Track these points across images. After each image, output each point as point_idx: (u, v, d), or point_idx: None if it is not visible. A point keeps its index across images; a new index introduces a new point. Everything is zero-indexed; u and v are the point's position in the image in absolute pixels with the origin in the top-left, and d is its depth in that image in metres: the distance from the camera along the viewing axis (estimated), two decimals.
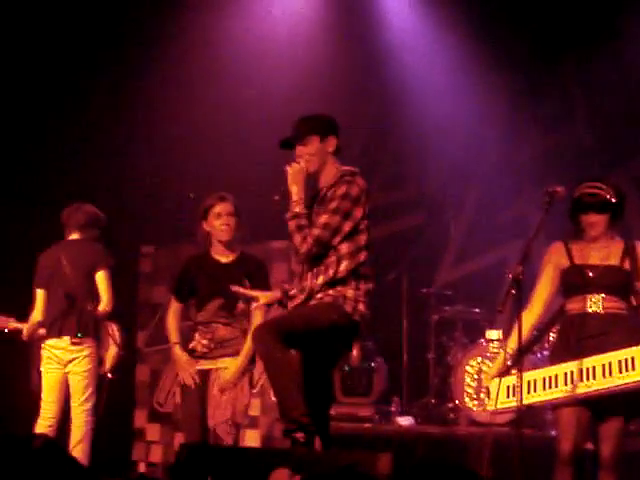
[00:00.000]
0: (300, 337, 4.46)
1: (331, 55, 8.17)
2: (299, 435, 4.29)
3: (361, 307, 4.54)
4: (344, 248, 4.51)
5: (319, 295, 4.52)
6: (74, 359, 5.86)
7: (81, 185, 7.75)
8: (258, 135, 7.99)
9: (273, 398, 6.64)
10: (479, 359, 7.19)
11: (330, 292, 4.51)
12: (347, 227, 4.50)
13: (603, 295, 4.58)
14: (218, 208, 5.25)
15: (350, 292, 4.52)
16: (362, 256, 4.55)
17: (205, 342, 5.23)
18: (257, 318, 5.19)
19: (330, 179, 4.61)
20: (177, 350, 5.34)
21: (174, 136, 8.25)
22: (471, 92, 8.31)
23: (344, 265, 4.50)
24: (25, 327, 5.95)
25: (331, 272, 4.50)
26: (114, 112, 8.17)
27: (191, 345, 5.29)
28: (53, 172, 7.99)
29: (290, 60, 8.13)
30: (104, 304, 5.89)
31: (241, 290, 4.86)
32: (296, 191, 4.57)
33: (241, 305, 5.23)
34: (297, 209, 4.55)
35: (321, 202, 4.59)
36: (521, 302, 4.33)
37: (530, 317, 4.66)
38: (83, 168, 8.05)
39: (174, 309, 5.44)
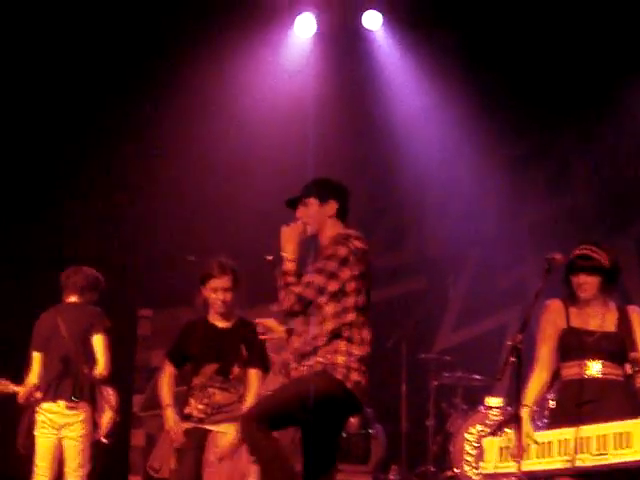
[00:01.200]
0: (290, 415, 4.44)
1: (327, 115, 8.21)
2: None
3: (354, 376, 4.48)
4: (329, 308, 4.49)
5: (309, 362, 4.50)
6: (68, 424, 5.80)
7: (80, 247, 7.76)
8: (258, 198, 8.04)
9: None
10: (479, 426, 7.12)
11: (319, 359, 4.48)
12: (332, 287, 4.48)
13: (602, 361, 4.56)
14: (215, 282, 5.25)
15: (340, 359, 4.47)
16: (350, 317, 4.50)
17: (201, 407, 5.18)
18: (253, 383, 5.18)
19: (325, 241, 4.64)
20: (169, 411, 5.29)
21: (175, 198, 8.28)
22: (472, 157, 8.37)
23: (327, 326, 4.47)
24: (21, 390, 5.91)
25: (315, 332, 4.47)
26: (112, 175, 8.20)
27: (186, 410, 5.23)
28: (53, 234, 8.00)
29: (287, 118, 8.18)
30: (101, 368, 5.85)
31: (260, 321, 4.85)
32: (290, 250, 4.59)
33: (237, 370, 5.19)
34: (287, 266, 4.56)
35: (315, 259, 4.63)
36: (521, 370, 4.31)
37: (538, 381, 4.65)
38: (83, 230, 8.06)
39: (168, 373, 5.41)
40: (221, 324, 5.32)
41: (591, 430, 4.42)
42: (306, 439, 4.63)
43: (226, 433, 5.14)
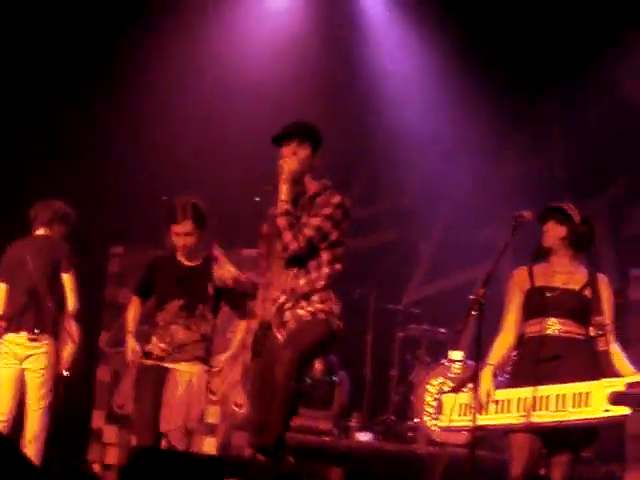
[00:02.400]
0: (311, 358, 4.77)
1: (311, 68, 8.19)
2: (264, 458, 4.35)
3: (341, 324, 4.67)
4: (325, 255, 4.61)
5: (310, 308, 4.57)
6: (31, 355, 5.81)
7: (52, 183, 7.71)
8: (235, 140, 8.02)
9: (235, 408, 6.66)
10: (441, 379, 7.21)
11: (319, 307, 4.58)
12: (334, 236, 4.62)
13: (562, 319, 4.62)
14: (176, 228, 5.27)
15: (336, 307, 4.64)
16: (338, 266, 4.66)
17: (163, 345, 5.21)
18: (238, 335, 5.32)
19: (314, 187, 4.70)
20: (129, 338, 5.34)
21: (151, 137, 8.23)
22: (450, 112, 8.35)
23: (324, 271, 4.59)
24: None
25: (313, 275, 4.57)
26: (88, 111, 8.14)
27: (148, 348, 5.26)
28: (24, 169, 7.95)
29: (271, 71, 8.15)
30: (72, 304, 5.86)
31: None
32: (286, 190, 4.63)
33: (201, 307, 5.23)
34: (287, 206, 4.60)
35: (307, 207, 4.65)
36: (482, 324, 4.36)
37: (504, 342, 4.71)
38: (55, 166, 8.00)
39: (134, 306, 5.46)
40: (188, 262, 5.34)
41: (550, 389, 4.48)
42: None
43: (185, 372, 5.18)
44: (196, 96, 8.14)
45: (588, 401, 4.40)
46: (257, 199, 5.11)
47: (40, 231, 6.03)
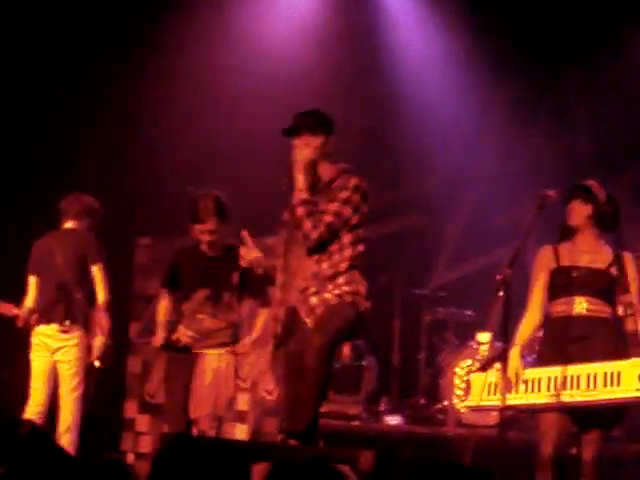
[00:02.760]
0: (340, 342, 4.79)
1: (331, 54, 8.19)
2: (295, 442, 4.39)
3: (368, 305, 4.68)
4: (346, 238, 4.63)
5: (336, 291, 4.59)
6: (62, 347, 5.89)
7: (80, 175, 7.78)
8: (259, 130, 8.03)
9: (265, 395, 6.70)
10: (469, 361, 7.22)
11: (346, 289, 4.59)
12: (354, 220, 4.63)
13: (589, 297, 4.62)
14: (199, 226, 5.32)
15: (362, 288, 4.65)
16: (360, 247, 4.67)
17: (190, 333, 5.27)
18: (261, 320, 5.32)
19: (330, 172, 4.71)
20: (160, 328, 5.44)
21: (175, 128, 8.27)
22: (471, 96, 8.33)
23: (347, 253, 4.61)
24: (20, 313, 5.99)
25: (336, 258, 4.60)
26: (113, 104, 8.18)
27: (175, 336, 5.32)
28: (53, 161, 8.01)
29: (291, 57, 8.15)
30: (102, 296, 5.92)
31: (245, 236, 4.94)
32: (302, 180, 4.66)
33: (226, 296, 5.27)
34: (305, 195, 4.63)
35: (324, 192, 4.66)
36: (509, 304, 4.37)
37: (530, 322, 4.72)
38: (83, 158, 8.07)
39: (164, 298, 5.51)
40: (212, 252, 5.39)
41: (580, 369, 4.49)
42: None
43: (213, 358, 5.22)
44: (223, 88, 8.15)
45: (619, 380, 4.41)
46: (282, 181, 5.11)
47: (69, 224, 6.09)
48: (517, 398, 4.58)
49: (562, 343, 4.63)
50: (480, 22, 8.07)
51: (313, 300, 4.63)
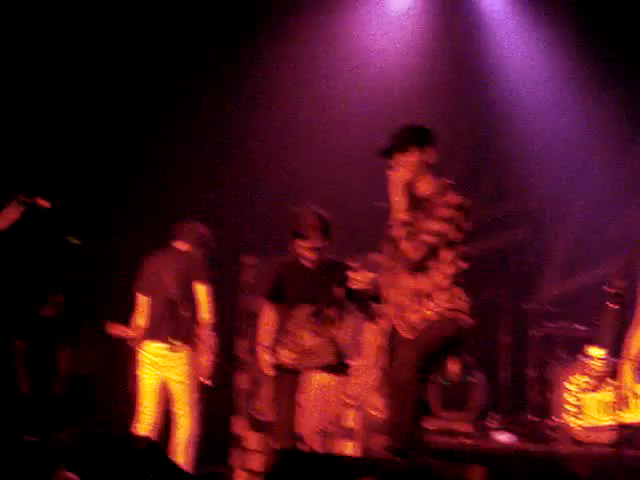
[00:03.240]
0: (437, 361, 4.70)
1: (436, 67, 8.18)
2: (397, 458, 4.36)
3: (470, 320, 4.65)
4: (447, 255, 4.58)
5: (437, 309, 4.56)
6: (172, 366, 5.97)
7: (187, 197, 7.92)
8: (362, 147, 8.05)
9: (373, 412, 6.67)
10: (579, 376, 7.06)
11: (446, 305, 4.56)
12: (456, 237, 4.57)
13: None
14: (304, 243, 5.30)
15: (463, 305, 4.62)
16: (462, 264, 4.63)
17: (293, 355, 5.22)
18: (367, 337, 5.29)
19: (431, 187, 4.65)
20: (262, 351, 5.40)
21: (280, 147, 8.36)
22: (575, 106, 8.21)
23: (448, 270, 4.58)
24: (134, 334, 6.10)
25: (437, 275, 4.56)
26: (220, 126, 8.31)
27: (279, 359, 5.27)
28: (159, 184, 8.18)
29: (396, 71, 8.17)
30: (205, 315, 5.99)
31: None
32: (400, 201, 4.60)
33: (329, 312, 5.24)
34: (404, 216, 4.58)
35: (424, 209, 4.62)
36: (622, 317, 4.26)
37: (638, 336, 4.57)
38: (189, 180, 8.22)
39: (268, 312, 5.48)
40: (313, 266, 5.37)
41: None
42: None
43: (318, 375, 5.20)
44: (320, 103, 8.21)
45: None
46: (379, 204, 5.12)
47: (180, 245, 6.19)
48: (633, 416, 4.45)
49: None
50: (585, 33, 7.94)
51: (412, 317, 4.61)
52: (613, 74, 8.09)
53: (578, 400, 6.72)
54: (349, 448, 7.19)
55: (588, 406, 4.59)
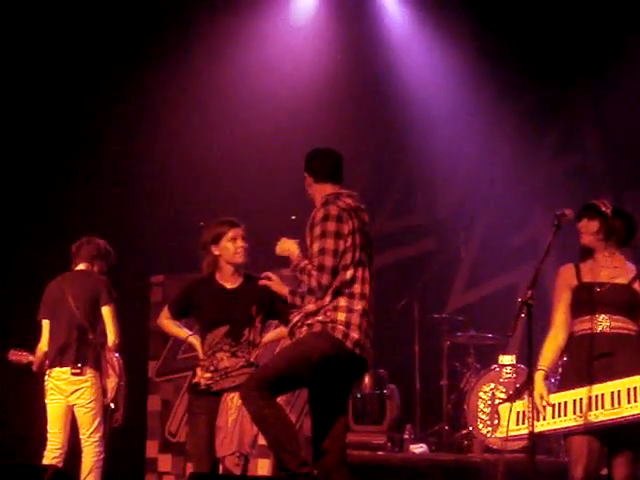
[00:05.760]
0: (292, 378, 4.49)
1: (337, 80, 8.20)
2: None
3: (354, 334, 4.48)
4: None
5: (309, 321, 4.52)
6: (77, 390, 5.87)
7: (90, 216, 7.78)
8: (268, 161, 8.03)
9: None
10: (492, 385, 7.14)
11: (319, 318, 4.50)
12: (342, 246, 4.51)
13: (610, 315, 4.55)
14: (232, 233, 5.19)
15: (341, 315, 4.49)
16: (349, 273, 4.52)
17: (208, 375, 5.12)
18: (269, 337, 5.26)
19: (317, 205, 4.69)
20: (194, 339, 5.24)
21: (184, 166, 8.28)
22: (480, 117, 8.32)
23: (324, 278, 4.48)
24: (34, 359, 5.97)
25: (313, 283, 4.48)
26: (122, 141, 8.20)
27: (194, 380, 5.17)
28: (62, 204, 8.02)
29: (298, 85, 8.17)
30: (112, 338, 5.89)
31: (266, 282, 4.84)
32: (295, 255, 4.63)
33: (246, 333, 5.15)
34: (301, 263, 4.58)
35: (309, 228, 4.63)
36: (531, 326, 4.30)
37: (554, 343, 4.64)
38: (92, 199, 8.08)
39: (166, 316, 5.33)
40: (229, 285, 5.25)
41: (604, 387, 4.43)
42: (313, 401, 4.68)
43: (236, 396, 5.10)
44: (224, 122, 8.17)
45: None
46: (293, 218, 5.11)
47: (81, 266, 6.08)
48: (545, 424, 4.51)
49: (585, 362, 4.56)
50: (486, 40, 8.07)
51: (296, 337, 4.60)
52: (519, 84, 8.23)
53: (492, 410, 6.80)
54: (264, 466, 7.14)
55: (503, 417, 4.61)
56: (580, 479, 4.44)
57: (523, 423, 4.52)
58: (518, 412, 4.58)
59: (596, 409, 4.41)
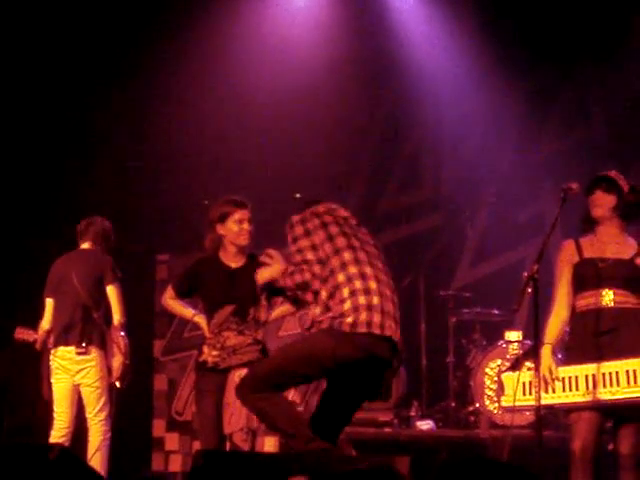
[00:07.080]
0: (292, 374, 4.45)
1: (344, 56, 8.16)
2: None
3: (363, 316, 4.34)
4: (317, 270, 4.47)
5: (319, 319, 4.47)
6: (82, 369, 5.87)
7: (97, 195, 7.77)
8: (273, 141, 7.99)
9: None
10: (499, 361, 7.13)
11: (329, 315, 4.42)
12: (323, 254, 4.45)
13: (615, 289, 4.53)
14: (238, 214, 5.17)
15: (346, 305, 4.38)
16: (341, 277, 4.42)
17: (215, 353, 5.12)
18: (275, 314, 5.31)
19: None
20: (199, 319, 5.25)
21: (192, 145, 8.26)
22: (487, 93, 8.27)
23: (316, 268, 4.45)
24: (37, 337, 5.97)
25: (307, 276, 4.45)
26: (127, 126, 8.17)
27: (201, 359, 5.16)
28: (69, 184, 8.01)
29: (303, 62, 8.12)
30: (118, 317, 5.88)
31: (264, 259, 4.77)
32: (274, 273, 4.60)
33: (252, 311, 5.15)
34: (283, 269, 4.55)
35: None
36: (537, 300, 4.28)
37: (558, 319, 4.63)
38: (99, 179, 8.06)
39: (170, 296, 5.35)
40: (233, 264, 5.25)
41: (617, 365, 4.42)
42: (327, 394, 4.63)
43: (243, 371, 5.09)
44: (233, 102, 8.13)
45: None
46: (297, 196, 5.08)
47: (85, 245, 6.08)
48: (554, 397, 4.49)
49: (591, 337, 4.55)
50: (494, 16, 8.01)
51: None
52: (527, 61, 8.18)
53: (498, 381, 6.78)
54: (271, 443, 7.15)
55: (508, 386, 4.60)
56: (579, 451, 4.45)
57: (530, 394, 4.51)
58: (525, 382, 4.57)
59: (610, 386, 4.40)
